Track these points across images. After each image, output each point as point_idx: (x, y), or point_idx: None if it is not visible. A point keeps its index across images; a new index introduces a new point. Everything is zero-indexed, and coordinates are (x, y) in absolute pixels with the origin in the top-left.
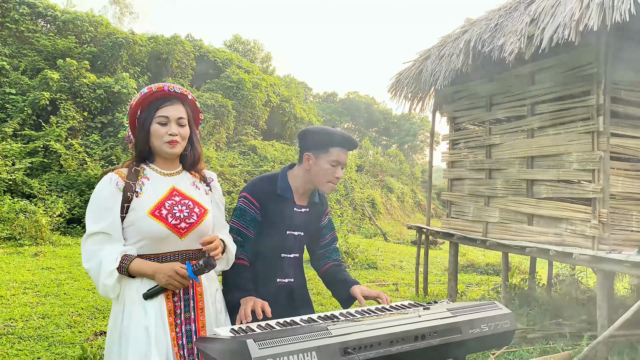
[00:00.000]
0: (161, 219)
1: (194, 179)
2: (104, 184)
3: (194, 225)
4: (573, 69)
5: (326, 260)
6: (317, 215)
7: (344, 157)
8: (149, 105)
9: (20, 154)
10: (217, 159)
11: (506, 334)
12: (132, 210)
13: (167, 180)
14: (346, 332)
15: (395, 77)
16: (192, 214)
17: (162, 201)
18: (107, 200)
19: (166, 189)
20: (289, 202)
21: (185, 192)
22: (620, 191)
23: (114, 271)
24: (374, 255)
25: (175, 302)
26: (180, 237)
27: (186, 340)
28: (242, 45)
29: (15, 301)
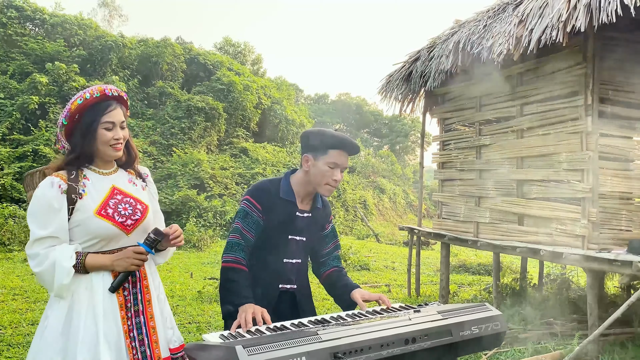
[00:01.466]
0: (108, 218)
1: (129, 176)
2: (46, 188)
3: (139, 222)
4: (561, 69)
5: (327, 267)
6: (320, 222)
7: (343, 160)
8: (91, 109)
9: (9, 159)
10: (208, 161)
11: (497, 335)
12: (77, 212)
13: (107, 179)
14: (336, 336)
15: (385, 79)
16: (136, 210)
17: (105, 200)
18: (52, 203)
19: (107, 188)
20: (291, 206)
21: (125, 190)
22: (609, 191)
23: (70, 269)
24: (367, 257)
25: (125, 296)
26: (127, 233)
27: (137, 332)
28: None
29: (4, 307)
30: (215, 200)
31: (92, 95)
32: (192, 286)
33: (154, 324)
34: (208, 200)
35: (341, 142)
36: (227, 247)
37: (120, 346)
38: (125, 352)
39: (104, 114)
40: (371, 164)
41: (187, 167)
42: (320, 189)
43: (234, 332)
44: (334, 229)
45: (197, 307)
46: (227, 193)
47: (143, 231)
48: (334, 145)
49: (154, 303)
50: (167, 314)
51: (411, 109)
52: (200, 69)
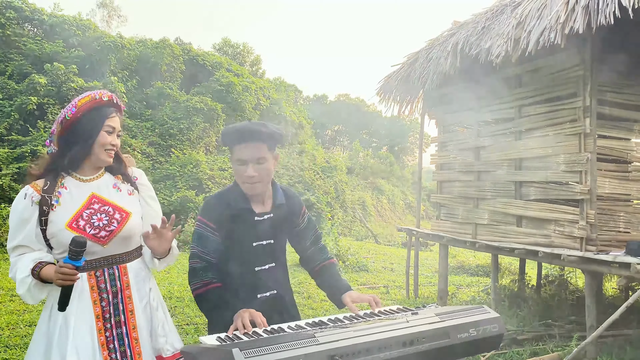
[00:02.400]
0: (78, 231)
1: (115, 180)
2: (20, 199)
3: (115, 232)
4: (559, 71)
5: (315, 262)
6: (287, 218)
7: (247, 153)
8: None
9: (7, 159)
10: (207, 162)
11: (495, 337)
12: (50, 223)
13: (87, 187)
14: (334, 339)
15: (384, 80)
16: (112, 220)
17: (79, 212)
18: (21, 214)
19: (84, 198)
20: (247, 212)
21: (105, 198)
22: (608, 192)
23: (25, 279)
24: (365, 258)
25: (103, 306)
26: (103, 245)
27: (118, 344)
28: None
29: (2, 309)
30: None
31: (101, 97)
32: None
33: (136, 335)
34: None
35: (238, 133)
36: (190, 274)
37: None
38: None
39: (108, 118)
40: (370, 165)
41: (185, 168)
42: (244, 190)
43: (231, 335)
44: (310, 219)
45: (195, 308)
46: None
47: (122, 240)
48: (232, 140)
49: (138, 313)
50: (159, 321)
51: (410, 110)
52: (199, 70)
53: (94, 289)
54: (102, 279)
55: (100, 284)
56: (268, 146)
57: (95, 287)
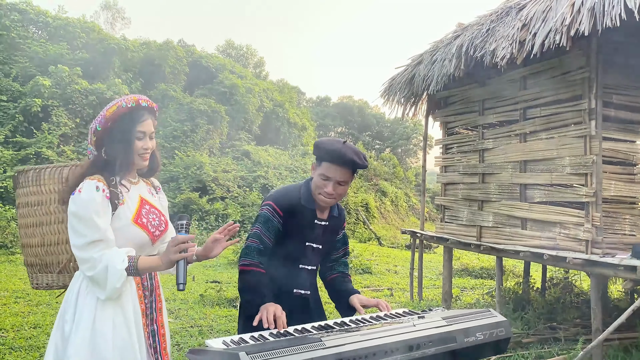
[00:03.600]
0: (143, 227)
1: (148, 186)
2: (92, 192)
3: (163, 233)
4: (565, 73)
5: (332, 272)
6: (335, 229)
7: (335, 173)
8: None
9: (11, 161)
10: (211, 164)
11: (501, 341)
12: (116, 218)
13: (135, 188)
14: (340, 342)
15: (388, 82)
16: (161, 222)
17: (139, 209)
18: (100, 207)
19: (137, 198)
20: (311, 213)
21: (150, 201)
22: (613, 195)
23: (123, 272)
24: (369, 260)
25: (146, 304)
26: (153, 243)
27: (152, 340)
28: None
29: (7, 311)
30: (217, 203)
31: (127, 104)
32: (195, 289)
33: (164, 332)
34: (210, 203)
35: (334, 156)
36: (244, 250)
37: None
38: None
39: (138, 124)
40: (373, 167)
41: (189, 170)
42: (316, 199)
43: (236, 338)
44: (345, 235)
45: (199, 310)
46: (229, 196)
47: (162, 241)
48: (327, 158)
49: (164, 311)
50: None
51: (414, 113)
52: (202, 72)
53: (139, 286)
54: (145, 277)
55: (143, 282)
56: (352, 172)
57: (140, 285)
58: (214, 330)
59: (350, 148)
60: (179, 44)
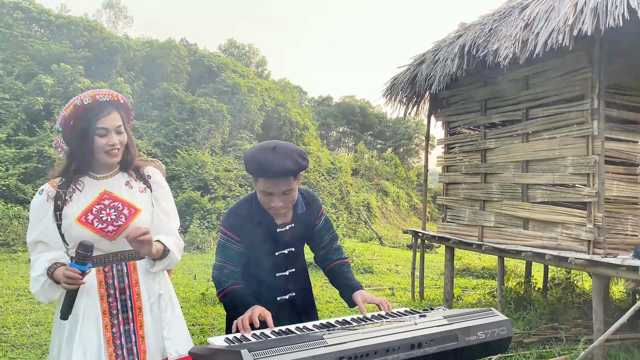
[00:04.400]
0: (87, 225)
1: (129, 178)
2: (37, 196)
3: (123, 227)
4: (567, 73)
5: (328, 262)
6: (307, 224)
7: (271, 187)
8: (84, 116)
9: (14, 160)
10: (212, 163)
11: (503, 341)
12: (64, 218)
13: (99, 184)
14: (342, 341)
15: (390, 82)
16: (121, 215)
17: (90, 207)
18: (38, 210)
19: (96, 194)
20: (269, 224)
21: (116, 195)
22: (615, 195)
23: (39, 277)
24: (370, 260)
25: (110, 302)
26: (110, 239)
27: (125, 340)
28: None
29: (9, 308)
30: (219, 202)
31: (83, 101)
32: (196, 288)
33: (143, 333)
34: (212, 202)
35: (264, 170)
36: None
37: (100, 353)
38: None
39: (97, 120)
40: (375, 167)
41: (191, 169)
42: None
43: (239, 336)
44: (327, 220)
45: (201, 309)
46: (230, 195)
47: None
48: (259, 173)
49: (146, 311)
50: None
51: (416, 112)
52: (204, 71)
53: (101, 284)
54: (110, 275)
55: (107, 280)
56: (294, 177)
57: (103, 283)
58: (215, 329)
59: (280, 154)
60: (181, 43)
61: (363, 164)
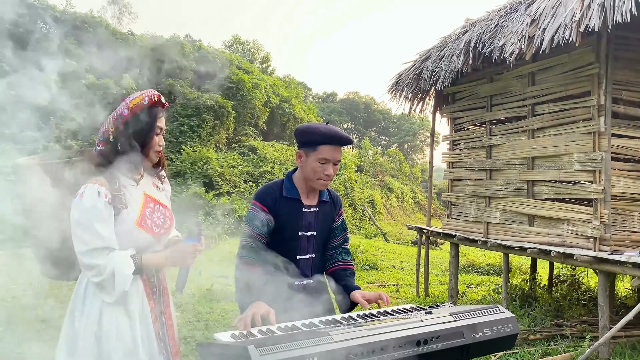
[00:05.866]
0: (148, 229)
1: (153, 179)
2: (93, 198)
3: (168, 230)
4: (574, 69)
5: (333, 262)
6: (329, 214)
7: (334, 154)
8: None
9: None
10: (217, 159)
11: (509, 337)
12: (120, 222)
13: (139, 186)
14: (348, 337)
15: (395, 78)
16: (166, 219)
17: (143, 210)
18: (102, 214)
19: (141, 197)
20: (296, 202)
21: (155, 197)
22: (622, 192)
23: (131, 276)
24: (374, 256)
25: (155, 299)
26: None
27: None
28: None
29: (16, 304)
30: (223, 198)
31: (152, 98)
32: (201, 284)
33: (171, 323)
34: (216, 198)
35: (331, 137)
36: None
37: (152, 349)
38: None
39: (158, 119)
40: (379, 163)
41: (196, 165)
42: (314, 184)
43: (245, 332)
44: (344, 222)
45: (206, 304)
46: (235, 191)
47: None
48: (324, 140)
49: (171, 303)
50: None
51: (421, 108)
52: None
53: (146, 282)
54: (151, 274)
55: (150, 279)
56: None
57: (147, 282)
58: (220, 325)
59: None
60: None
61: (367, 160)
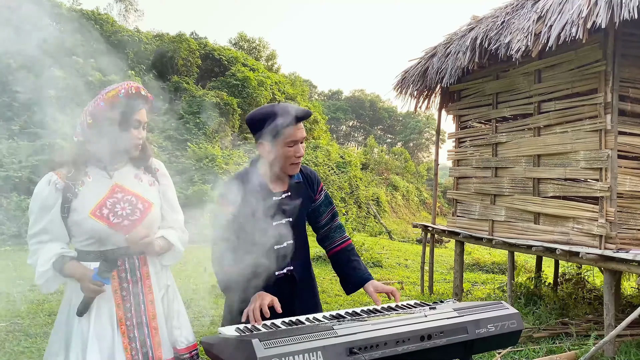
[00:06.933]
0: (102, 219)
1: (137, 170)
2: (43, 185)
3: (138, 222)
4: (580, 66)
5: (331, 241)
6: (305, 195)
7: (300, 133)
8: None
9: (26, 152)
10: (222, 157)
11: (513, 334)
12: (73, 211)
13: (111, 178)
14: (352, 331)
15: (401, 75)
16: (135, 210)
17: (103, 200)
18: (45, 200)
19: (108, 187)
20: (263, 191)
21: (128, 188)
22: (628, 190)
23: (43, 273)
24: (379, 254)
25: (124, 296)
26: (126, 233)
27: (138, 332)
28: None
29: (22, 298)
30: None
31: (128, 91)
32: (206, 280)
33: (156, 325)
34: None
35: (292, 116)
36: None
37: (114, 346)
38: (123, 352)
39: (136, 111)
40: (384, 161)
41: (201, 162)
42: (287, 170)
43: (249, 326)
44: (327, 196)
45: (210, 300)
46: None
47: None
48: (289, 122)
49: (157, 303)
50: (175, 312)
51: (427, 106)
52: (215, 65)
53: (114, 278)
54: (122, 269)
55: (121, 274)
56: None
57: (116, 277)
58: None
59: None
60: (191, 37)
61: (373, 158)
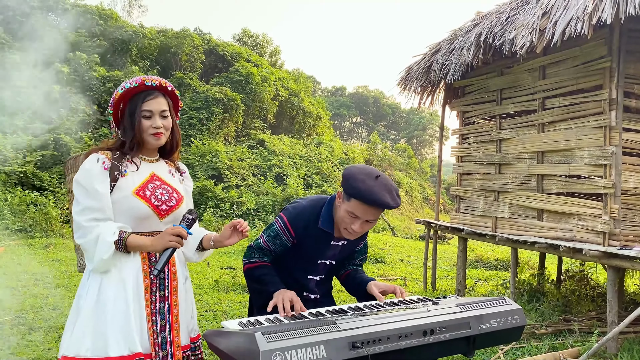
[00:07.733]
0: (145, 199)
1: (169, 167)
2: (92, 163)
3: (173, 209)
4: (585, 62)
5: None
6: (354, 244)
7: (365, 213)
8: (131, 99)
9: (30, 147)
10: (226, 152)
11: (515, 329)
12: (117, 189)
13: (148, 165)
14: (355, 326)
15: (405, 71)
16: (172, 198)
17: (145, 183)
18: (97, 177)
19: (147, 174)
20: (327, 236)
21: (163, 178)
22: (632, 187)
23: (111, 244)
24: (382, 250)
25: (152, 279)
26: (160, 218)
27: (159, 317)
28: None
29: (26, 292)
30: (232, 190)
31: (131, 84)
32: (209, 275)
33: (177, 311)
34: (225, 190)
35: (365, 197)
36: (247, 251)
37: (142, 328)
38: (147, 334)
39: (143, 103)
40: (388, 157)
41: (205, 158)
42: (340, 230)
43: (252, 320)
44: (366, 245)
45: (214, 295)
46: (244, 184)
47: (174, 219)
48: (357, 196)
49: (180, 291)
50: (190, 303)
51: (430, 102)
52: (218, 60)
53: (145, 260)
54: (152, 253)
55: (151, 257)
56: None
57: (146, 260)
58: (228, 315)
59: (383, 185)
60: (195, 32)
61: (376, 154)
